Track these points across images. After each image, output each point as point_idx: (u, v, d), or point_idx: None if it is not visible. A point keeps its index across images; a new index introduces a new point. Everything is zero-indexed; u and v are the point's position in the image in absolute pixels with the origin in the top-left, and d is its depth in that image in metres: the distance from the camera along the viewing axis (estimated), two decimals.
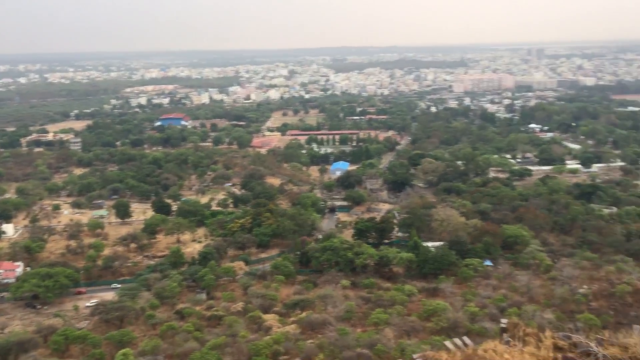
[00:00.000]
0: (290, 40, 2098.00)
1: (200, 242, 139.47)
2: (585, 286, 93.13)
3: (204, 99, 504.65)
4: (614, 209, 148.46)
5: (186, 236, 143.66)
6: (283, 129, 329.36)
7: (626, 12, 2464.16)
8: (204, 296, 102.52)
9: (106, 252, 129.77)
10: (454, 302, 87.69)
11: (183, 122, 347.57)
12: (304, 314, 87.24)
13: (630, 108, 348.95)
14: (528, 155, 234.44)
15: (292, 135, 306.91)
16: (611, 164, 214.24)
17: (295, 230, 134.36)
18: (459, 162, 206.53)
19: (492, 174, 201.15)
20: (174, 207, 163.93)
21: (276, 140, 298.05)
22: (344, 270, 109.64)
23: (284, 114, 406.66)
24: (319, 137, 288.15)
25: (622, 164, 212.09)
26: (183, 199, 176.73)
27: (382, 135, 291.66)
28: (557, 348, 17.88)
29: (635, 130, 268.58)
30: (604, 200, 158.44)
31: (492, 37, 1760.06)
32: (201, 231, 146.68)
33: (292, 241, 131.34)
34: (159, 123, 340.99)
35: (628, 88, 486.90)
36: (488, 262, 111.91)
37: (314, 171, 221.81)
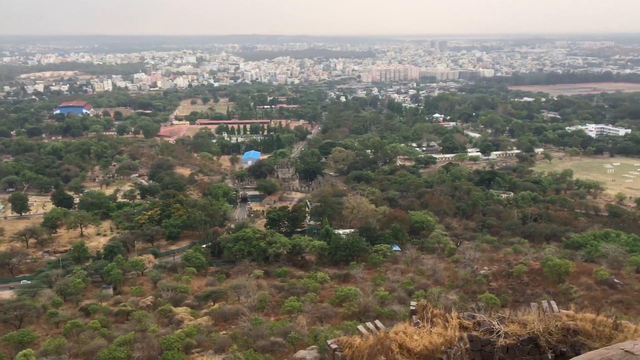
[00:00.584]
0: (198, 27, 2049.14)
1: (105, 235, 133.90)
2: (485, 267, 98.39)
3: (107, 86, 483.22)
4: (511, 194, 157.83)
5: (90, 229, 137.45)
6: (192, 117, 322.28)
7: (522, 8, 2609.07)
8: (110, 291, 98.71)
9: (2, 248, 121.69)
10: (365, 287, 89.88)
11: (84, 110, 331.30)
12: (216, 306, 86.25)
13: (525, 98, 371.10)
14: (432, 143, 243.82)
15: (201, 124, 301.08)
16: (508, 152, 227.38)
17: (207, 221, 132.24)
18: (368, 151, 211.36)
19: (399, 162, 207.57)
20: (77, 200, 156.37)
21: (185, 129, 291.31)
22: (256, 260, 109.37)
23: (193, 103, 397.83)
24: (230, 126, 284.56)
25: (518, 151, 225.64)
26: (86, 190, 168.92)
27: (293, 124, 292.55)
28: (462, 327, 18.83)
29: (529, 120, 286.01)
30: (501, 185, 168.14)
31: (398, 28, 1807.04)
32: (106, 224, 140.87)
33: (204, 232, 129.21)
34: (58, 111, 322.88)
35: (523, 79, 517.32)
36: (396, 247, 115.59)
37: (225, 161, 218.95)
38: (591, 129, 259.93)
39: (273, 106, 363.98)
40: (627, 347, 12.91)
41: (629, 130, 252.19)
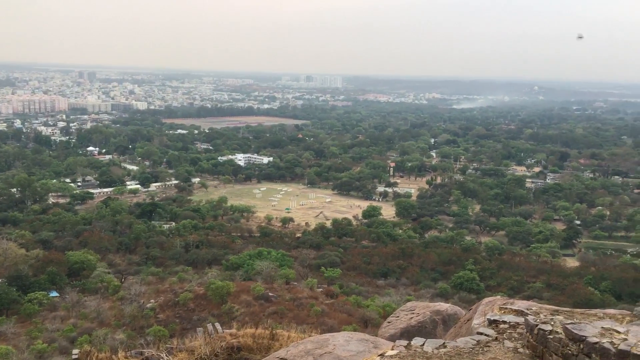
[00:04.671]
0: None
1: None
2: (152, 300, 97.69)
3: None
4: (173, 224, 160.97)
5: None
6: None
7: (169, 44, 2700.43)
8: None
9: None
10: (18, 344, 79.49)
11: None
12: None
13: (180, 131, 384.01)
14: (89, 178, 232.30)
15: None
16: (167, 183, 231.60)
17: None
18: (14, 190, 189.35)
19: (52, 200, 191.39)
20: None
21: None
22: None
23: None
24: None
25: (177, 181, 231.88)
26: None
27: None
28: None
29: (185, 151, 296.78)
30: (163, 216, 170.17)
31: (40, 56, 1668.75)
32: None
33: None
34: None
35: (176, 113, 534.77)
36: (54, 293, 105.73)
37: None
38: (240, 158, 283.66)
39: None
40: (282, 355, 14.51)
41: (271, 158, 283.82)
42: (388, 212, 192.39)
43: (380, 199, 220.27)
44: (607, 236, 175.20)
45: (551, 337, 14.31)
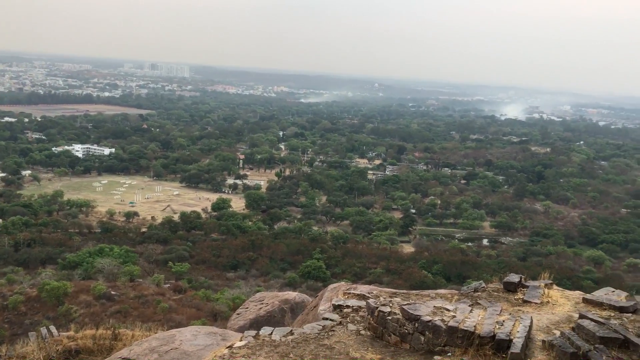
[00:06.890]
0: None
1: None
2: None
3: None
4: (0, 221, 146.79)
5: None
6: None
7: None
8: None
9: None
10: None
11: None
12: None
13: (7, 119, 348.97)
14: None
15: None
16: None
17: None
18: None
19: None
20: None
21: None
22: None
23: None
24: None
25: (4, 174, 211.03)
26: None
27: None
28: None
29: (13, 141, 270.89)
30: None
31: None
32: None
33: None
34: None
35: (2, 99, 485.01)
36: None
37: None
38: (78, 149, 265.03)
39: None
40: (124, 354, 13.89)
41: (113, 150, 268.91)
42: (238, 204, 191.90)
43: (230, 192, 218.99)
44: (438, 223, 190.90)
45: (390, 318, 15.29)
